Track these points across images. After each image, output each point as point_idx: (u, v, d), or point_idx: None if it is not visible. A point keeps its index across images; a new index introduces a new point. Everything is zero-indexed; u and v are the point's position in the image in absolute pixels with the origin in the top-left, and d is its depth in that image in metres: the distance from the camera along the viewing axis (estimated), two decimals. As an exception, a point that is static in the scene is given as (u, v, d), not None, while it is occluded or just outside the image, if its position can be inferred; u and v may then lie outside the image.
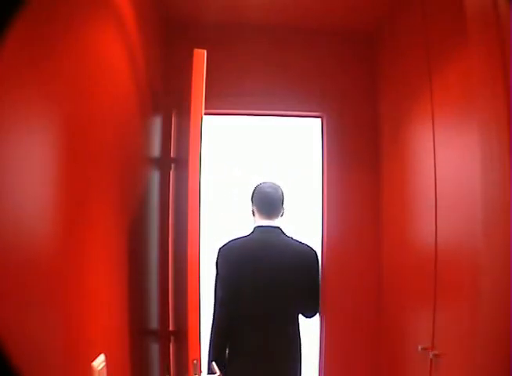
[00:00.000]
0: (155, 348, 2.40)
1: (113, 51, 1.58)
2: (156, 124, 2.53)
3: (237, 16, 2.75)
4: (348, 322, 2.79)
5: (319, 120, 2.96)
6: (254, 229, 2.58)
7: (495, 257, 1.21)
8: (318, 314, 2.64)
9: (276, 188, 2.64)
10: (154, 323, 2.40)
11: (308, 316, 2.61)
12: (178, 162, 2.45)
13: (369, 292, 2.79)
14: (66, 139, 1.11)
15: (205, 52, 1.82)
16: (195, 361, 1.64)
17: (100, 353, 1.31)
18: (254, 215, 2.63)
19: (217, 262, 2.54)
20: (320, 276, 2.62)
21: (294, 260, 2.48)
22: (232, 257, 2.49)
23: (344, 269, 2.81)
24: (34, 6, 0.84)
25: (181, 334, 1.96)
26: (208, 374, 2.25)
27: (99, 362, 1.27)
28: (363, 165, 2.86)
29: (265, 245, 2.50)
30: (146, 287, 2.21)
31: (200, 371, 1.66)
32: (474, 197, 1.50)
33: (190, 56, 1.84)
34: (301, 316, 2.59)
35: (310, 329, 3.37)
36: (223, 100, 2.78)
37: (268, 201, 2.58)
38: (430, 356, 1.94)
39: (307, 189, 3.99)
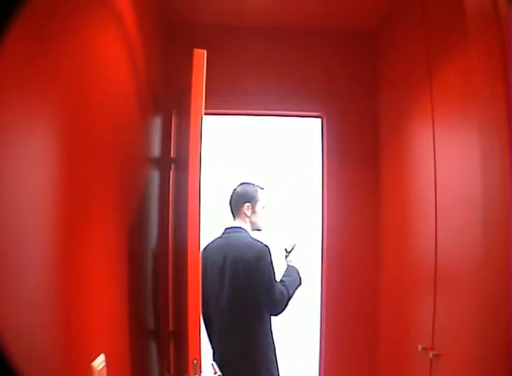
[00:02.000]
0: (155, 348, 2.40)
1: (113, 51, 1.58)
2: (156, 124, 2.53)
3: (237, 16, 2.75)
4: (348, 322, 2.79)
5: (319, 120, 2.96)
6: (224, 230, 2.66)
7: (495, 257, 1.21)
8: (282, 311, 2.48)
9: (239, 188, 2.70)
10: (154, 323, 2.39)
11: (273, 314, 2.51)
12: (178, 162, 2.45)
13: (369, 292, 2.79)
14: (66, 138, 1.11)
15: (205, 52, 1.82)
16: (195, 361, 1.64)
17: (100, 353, 1.31)
18: None
19: None
20: (273, 273, 2.46)
21: (247, 259, 2.47)
22: (202, 259, 2.52)
23: (343, 269, 2.82)
24: (34, 5, 0.84)
25: (181, 334, 1.96)
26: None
27: (99, 362, 1.27)
28: (363, 165, 2.86)
29: (225, 246, 2.55)
30: (146, 287, 2.21)
31: (200, 371, 1.66)
32: (474, 197, 1.50)
33: (190, 56, 1.84)
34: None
35: (310, 329, 3.37)
36: (223, 100, 2.78)
37: (229, 202, 2.70)
38: (430, 355, 1.94)
39: (307, 189, 3.98)
